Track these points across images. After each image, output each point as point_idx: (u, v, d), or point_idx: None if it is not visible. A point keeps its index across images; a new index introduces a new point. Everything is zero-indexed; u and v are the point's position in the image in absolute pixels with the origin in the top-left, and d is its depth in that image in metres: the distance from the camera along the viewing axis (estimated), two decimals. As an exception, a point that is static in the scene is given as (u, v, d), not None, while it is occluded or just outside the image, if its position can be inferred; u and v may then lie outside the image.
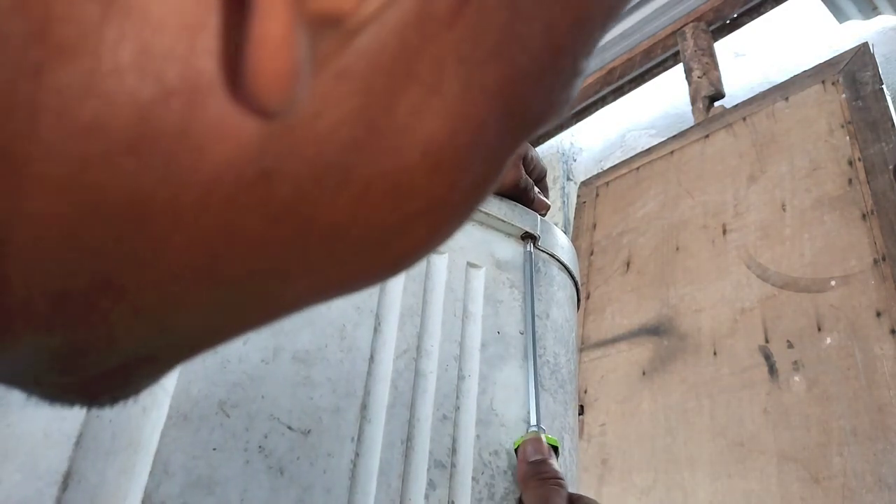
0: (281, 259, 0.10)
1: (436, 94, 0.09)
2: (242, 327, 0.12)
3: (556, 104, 0.12)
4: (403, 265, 0.12)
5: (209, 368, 0.27)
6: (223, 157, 0.08)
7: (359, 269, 0.12)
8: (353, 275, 0.12)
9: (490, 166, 0.11)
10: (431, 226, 0.11)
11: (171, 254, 0.09)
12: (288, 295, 0.11)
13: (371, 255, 0.11)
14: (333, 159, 0.09)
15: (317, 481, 0.28)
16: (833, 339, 0.90)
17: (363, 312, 0.33)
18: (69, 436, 0.23)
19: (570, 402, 0.39)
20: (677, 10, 1.67)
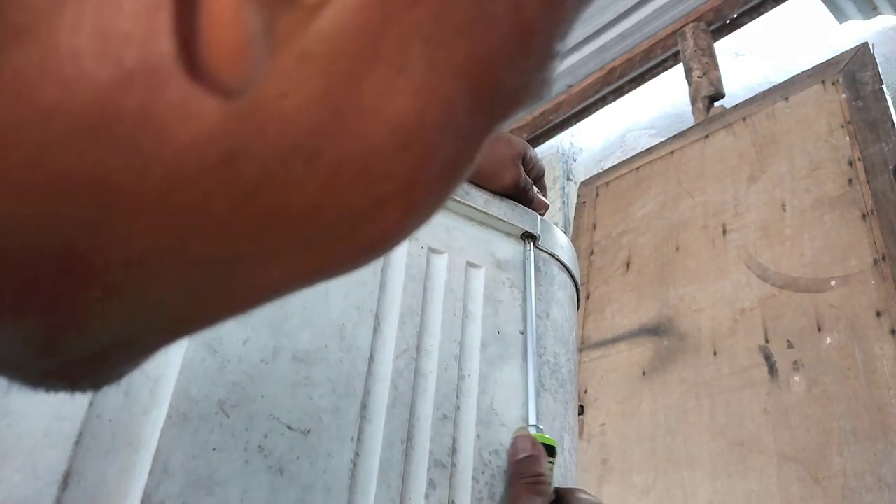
0: (252, 242, 0.10)
1: (402, 73, 0.09)
2: (221, 312, 0.12)
3: (530, 85, 0.11)
4: (380, 249, 0.12)
5: (209, 368, 0.27)
6: (186, 138, 0.08)
7: (334, 253, 0.11)
8: (330, 259, 0.12)
9: (463, 146, 0.11)
10: (405, 208, 0.11)
11: (137, 237, 0.09)
12: (264, 279, 0.11)
13: (346, 239, 0.11)
14: (300, 141, 0.09)
15: (317, 481, 0.28)
16: (833, 339, 0.90)
17: (363, 312, 0.33)
18: (69, 435, 0.23)
19: (570, 402, 0.39)
20: (677, 10, 1.67)
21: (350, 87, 0.09)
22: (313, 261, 0.11)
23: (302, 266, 0.11)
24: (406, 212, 0.11)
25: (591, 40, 1.78)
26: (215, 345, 0.27)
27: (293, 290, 0.12)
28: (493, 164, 0.40)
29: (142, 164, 0.08)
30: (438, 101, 0.10)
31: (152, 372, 0.26)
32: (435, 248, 0.37)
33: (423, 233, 0.37)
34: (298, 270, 0.11)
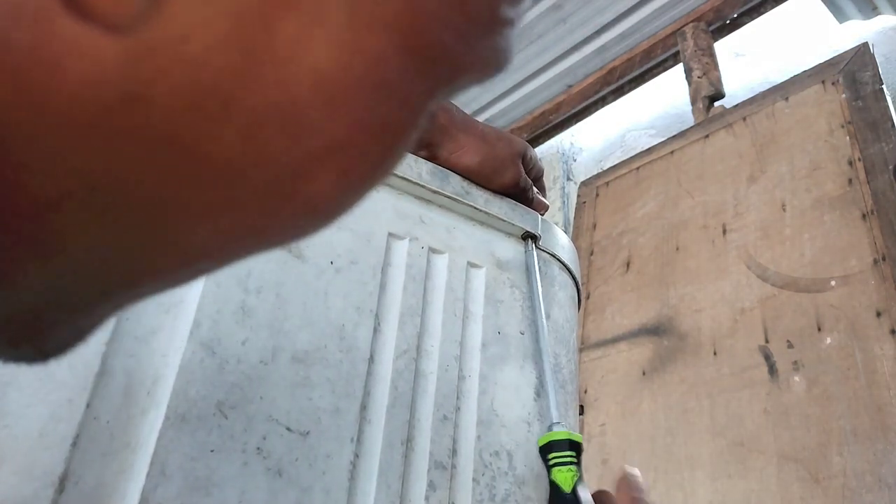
0: (172, 192, 0.10)
1: (319, 23, 0.09)
2: (154, 274, 0.12)
3: (479, 51, 0.11)
4: (320, 214, 0.12)
5: (207, 369, 0.27)
6: (80, 76, 0.08)
7: (268, 213, 0.11)
8: (265, 221, 0.11)
9: (401, 110, 0.11)
10: (340, 170, 0.11)
11: (39, 182, 0.09)
12: (194, 238, 0.11)
13: (279, 199, 0.11)
14: (210, 87, 0.09)
15: (316, 483, 0.27)
16: (833, 339, 0.90)
17: (363, 312, 0.32)
18: (65, 437, 0.23)
19: (570, 403, 0.39)
20: (677, 10, 1.67)
21: (262, 32, 0.09)
22: (246, 220, 0.11)
23: (234, 225, 0.11)
24: (341, 175, 0.11)
25: (591, 40, 1.78)
26: (214, 345, 0.27)
27: (232, 255, 0.12)
28: (494, 163, 0.40)
29: (38, 101, 0.08)
30: (365, 55, 0.10)
31: (150, 373, 0.26)
32: (435, 248, 0.37)
33: (424, 233, 0.37)
34: (231, 230, 0.11)
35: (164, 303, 0.27)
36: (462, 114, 0.40)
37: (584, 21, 1.72)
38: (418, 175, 0.38)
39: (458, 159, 0.39)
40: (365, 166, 0.11)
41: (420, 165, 0.38)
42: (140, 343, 0.26)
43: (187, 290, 0.28)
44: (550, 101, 1.95)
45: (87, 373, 0.24)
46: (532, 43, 1.78)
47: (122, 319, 0.26)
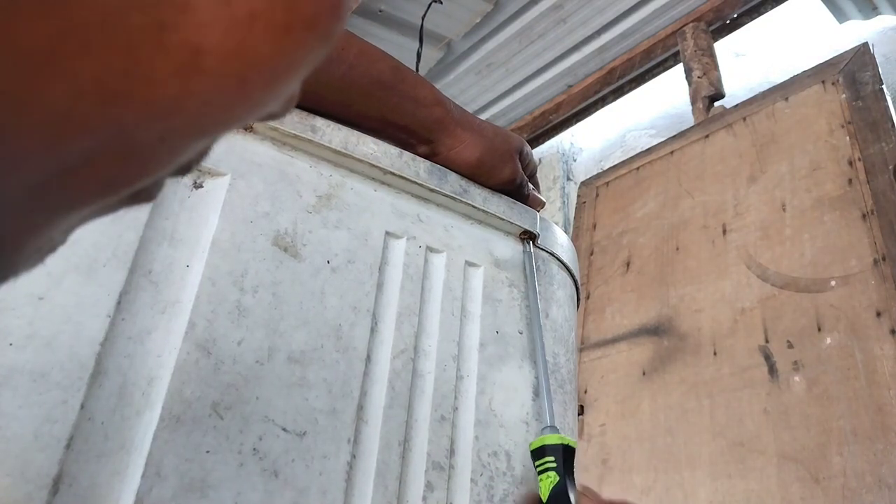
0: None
1: None
2: (26, 132, 0.09)
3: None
4: (204, 77, 0.09)
5: (202, 370, 0.26)
6: None
7: (142, 63, 0.09)
8: (141, 75, 0.09)
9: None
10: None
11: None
12: (62, 89, 0.09)
13: (149, 42, 0.08)
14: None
15: (312, 484, 0.27)
16: (833, 339, 0.90)
17: (360, 312, 0.32)
18: (60, 438, 0.23)
19: (570, 403, 0.39)
20: (677, 10, 1.67)
21: None
22: (112, 70, 0.09)
23: (98, 77, 0.09)
24: (223, 5, 0.09)
25: (591, 40, 1.78)
26: (209, 346, 0.27)
27: (113, 127, 0.09)
28: (492, 159, 0.40)
29: None
30: None
31: (145, 373, 0.26)
32: (433, 247, 0.37)
33: (421, 231, 0.37)
34: (96, 86, 0.09)
35: (159, 302, 0.27)
36: (460, 110, 0.40)
37: (584, 21, 1.72)
38: (416, 173, 0.37)
39: (457, 155, 0.39)
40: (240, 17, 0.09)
41: (418, 164, 0.38)
42: (135, 343, 0.26)
43: (182, 290, 0.28)
44: (550, 101, 1.94)
45: (81, 373, 0.24)
46: (532, 43, 1.78)
47: (117, 320, 0.26)
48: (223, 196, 0.30)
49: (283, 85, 0.10)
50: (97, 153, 0.10)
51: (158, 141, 0.10)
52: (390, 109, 0.37)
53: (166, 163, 0.11)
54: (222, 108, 0.10)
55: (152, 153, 0.10)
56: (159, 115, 0.09)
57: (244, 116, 0.11)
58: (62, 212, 0.11)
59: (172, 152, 0.10)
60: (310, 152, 0.35)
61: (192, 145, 0.11)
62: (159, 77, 0.09)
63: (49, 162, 0.09)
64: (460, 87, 1.92)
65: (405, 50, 1.66)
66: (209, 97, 0.09)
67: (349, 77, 0.35)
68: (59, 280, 0.25)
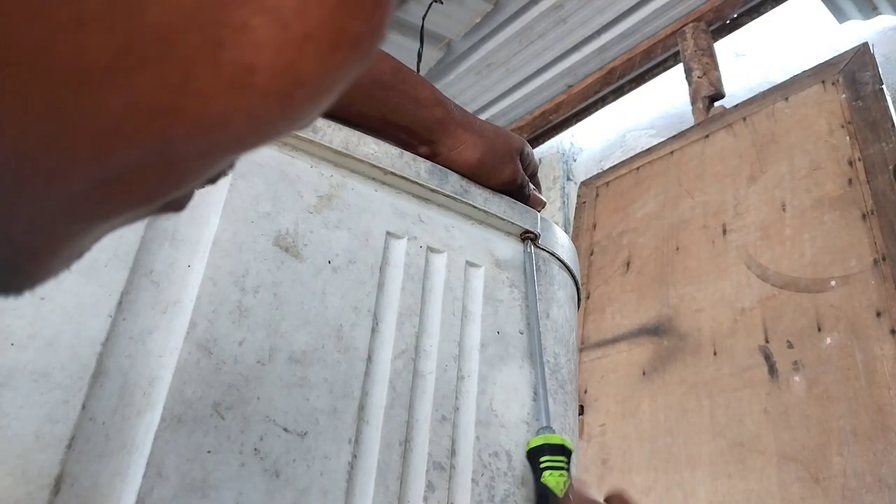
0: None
1: None
2: (55, 148, 0.09)
3: None
4: (260, 89, 0.09)
5: (204, 370, 0.26)
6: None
7: (195, 76, 0.09)
8: (193, 89, 0.09)
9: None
10: (279, 24, 0.09)
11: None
12: (106, 107, 0.09)
13: (205, 58, 0.08)
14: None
15: (313, 484, 0.27)
16: (833, 339, 0.90)
17: (360, 312, 0.32)
18: (61, 438, 0.23)
19: (570, 403, 0.39)
20: (677, 10, 1.67)
21: None
22: (167, 85, 0.09)
23: (152, 92, 0.09)
24: (279, 27, 0.09)
25: (591, 40, 1.78)
26: (210, 346, 0.27)
27: (160, 141, 0.09)
28: (493, 159, 0.40)
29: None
30: None
31: (146, 373, 0.26)
32: (434, 247, 0.37)
33: (422, 231, 0.37)
34: (149, 100, 0.09)
35: (161, 303, 0.27)
36: (460, 110, 0.40)
37: (584, 21, 1.72)
38: (417, 174, 0.37)
39: (458, 155, 0.39)
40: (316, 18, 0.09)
41: (419, 164, 0.38)
42: (136, 343, 0.26)
43: (183, 290, 0.28)
44: (550, 101, 1.94)
45: (82, 374, 0.24)
46: (532, 43, 1.78)
47: (119, 320, 0.26)
48: (224, 196, 0.30)
49: (323, 101, 0.10)
50: (140, 166, 0.10)
51: (200, 155, 0.10)
52: (391, 110, 0.37)
53: (203, 175, 0.11)
54: (265, 123, 0.10)
55: (192, 166, 0.10)
56: (206, 130, 0.10)
57: (283, 131, 0.11)
58: (99, 221, 0.11)
59: (211, 165, 0.11)
60: (311, 152, 0.35)
61: (231, 159, 0.11)
62: (211, 94, 0.09)
63: (94, 173, 0.10)
64: (460, 87, 1.92)
65: (405, 50, 1.66)
66: (255, 113, 0.10)
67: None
68: (61, 280, 0.25)
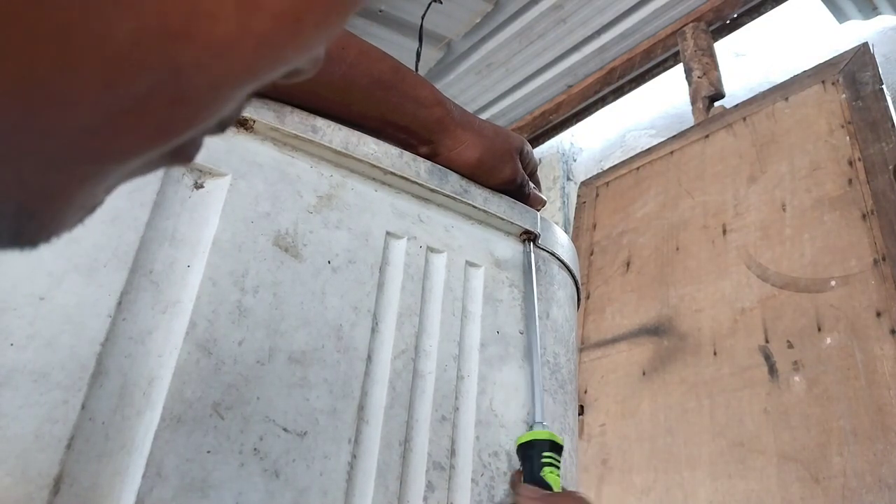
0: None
1: None
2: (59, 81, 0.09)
3: None
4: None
5: (203, 370, 0.26)
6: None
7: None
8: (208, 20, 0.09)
9: None
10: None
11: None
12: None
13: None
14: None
15: (313, 484, 0.27)
16: (833, 339, 0.90)
17: (360, 312, 0.32)
18: (60, 438, 0.23)
19: (570, 403, 0.39)
20: (677, 10, 1.67)
21: None
22: (178, 5, 0.09)
23: (163, 13, 0.09)
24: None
25: (591, 40, 1.78)
26: (210, 346, 0.27)
27: (170, 67, 0.09)
28: (493, 159, 0.40)
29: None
30: None
31: (146, 373, 0.26)
32: (433, 247, 0.37)
33: (422, 231, 0.37)
34: (159, 22, 0.09)
35: (160, 303, 0.27)
36: (460, 110, 0.40)
37: (584, 21, 1.72)
38: (416, 174, 0.37)
39: (458, 155, 0.39)
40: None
41: (418, 164, 0.38)
42: (135, 343, 0.26)
43: (183, 290, 0.28)
44: (550, 101, 1.94)
45: (82, 374, 0.24)
46: (532, 43, 1.78)
47: (118, 320, 0.26)
48: (224, 196, 0.30)
49: (329, 29, 0.10)
50: (150, 96, 0.10)
51: (209, 86, 0.10)
52: (390, 110, 0.37)
53: (213, 111, 0.11)
54: (274, 49, 0.10)
55: (202, 98, 0.10)
56: (215, 55, 0.09)
57: (290, 60, 0.11)
58: (111, 161, 0.11)
59: (220, 98, 0.11)
60: (310, 152, 0.35)
61: (239, 92, 0.11)
62: (221, 15, 0.09)
63: (104, 101, 0.09)
64: (460, 87, 1.92)
65: (405, 50, 1.66)
66: (264, 37, 0.10)
67: (349, 77, 0.35)
68: (60, 280, 0.25)
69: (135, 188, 0.28)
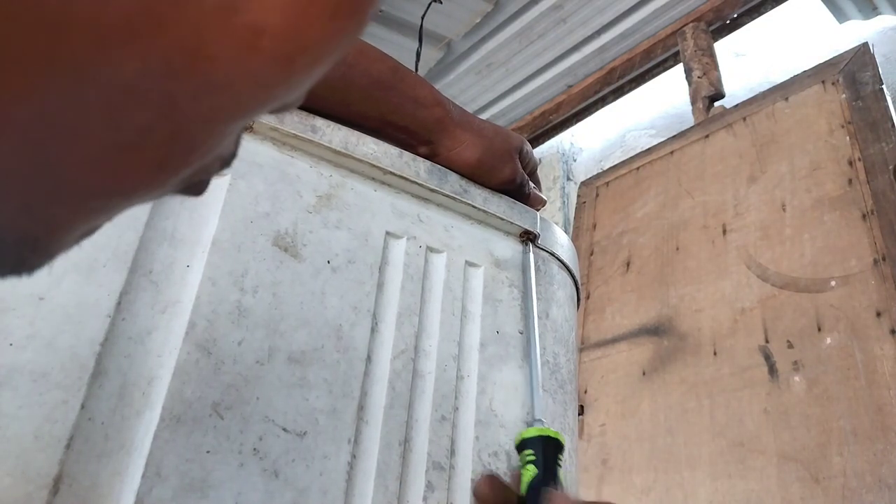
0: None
1: None
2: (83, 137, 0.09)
3: None
4: (272, 52, 0.09)
5: (203, 370, 0.26)
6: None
7: (205, 40, 0.09)
8: (205, 54, 0.09)
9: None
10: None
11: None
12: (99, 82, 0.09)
13: (216, 18, 0.09)
14: None
15: (313, 484, 0.27)
16: (833, 339, 0.90)
17: (360, 312, 0.32)
18: (60, 438, 0.23)
19: (570, 403, 0.39)
20: (677, 10, 1.67)
21: None
22: (182, 48, 0.09)
23: (167, 55, 0.09)
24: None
25: (591, 40, 1.78)
26: (209, 346, 0.27)
27: (168, 103, 0.09)
28: (493, 159, 0.40)
29: None
30: None
31: (145, 373, 0.26)
32: (433, 247, 0.37)
33: (422, 231, 0.37)
34: (163, 62, 0.09)
35: (160, 303, 0.27)
36: (459, 110, 0.40)
37: (584, 21, 1.72)
38: (416, 173, 0.37)
39: (457, 155, 0.39)
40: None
41: (418, 164, 0.38)
42: (135, 343, 0.26)
43: (183, 290, 0.28)
44: (550, 101, 1.94)
45: (81, 374, 0.24)
46: (532, 43, 1.78)
47: (118, 320, 0.26)
48: (223, 196, 0.30)
49: (319, 67, 0.11)
50: (150, 130, 0.10)
51: (203, 119, 0.10)
52: (390, 110, 0.37)
53: (208, 146, 0.11)
54: (265, 87, 0.10)
55: (198, 133, 0.11)
56: (210, 91, 0.10)
57: (280, 97, 0.11)
58: (116, 197, 0.11)
59: (214, 133, 0.11)
60: (310, 152, 0.35)
61: (232, 126, 0.11)
62: (221, 56, 0.09)
63: (107, 134, 0.10)
64: (460, 87, 1.92)
65: (405, 50, 1.66)
66: (258, 77, 0.10)
67: (349, 77, 0.35)
68: (60, 280, 0.25)
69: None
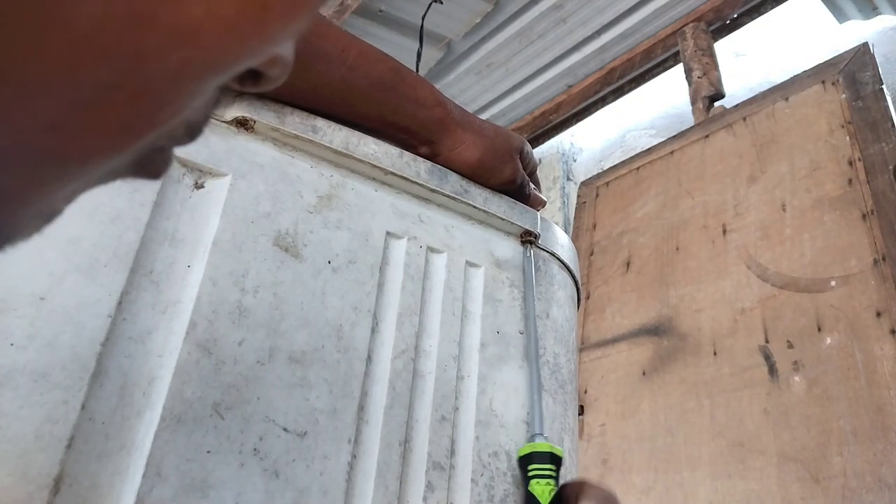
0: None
1: None
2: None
3: None
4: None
5: (203, 370, 0.26)
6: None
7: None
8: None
9: None
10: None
11: None
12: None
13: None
14: None
15: (313, 484, 0.27)
16: (833, 339, 0.90)
17: (360, 312, 0.32)
18: (60, 438, 0.23)
19: (570, 403, 0.39)
20: (677, 10, 1.67)
21: None
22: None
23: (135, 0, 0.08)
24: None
25: (591, 40, 1.78)
26: (210, 346, 0.27)
27: (133, 54, 0.09)
28: (493, 159, 0.40)
29: None
30: None
31: (145, 373, 0.26)
32: (433, 247, 0.37)
33: (422, 232, 0.37)
34: (131, 6, 0.08)
35: (160, 303, 0.27)
36: (460, 110, 0.40)
37: (584, 21, 1.72)
38: (417, 174, 0.37)
39: (458, 155, 0.39)
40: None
41: (419, 164, 0.38)
42: (135, 343, 0.26)
43: (183, 290, 0.28)
44: (550, 101, 1.95)
45: (82, 374, 0.24)
46: (532, 43, 1.78)
47: (118, 320, 0.26)
48: (224, 196, 0.30)
49: (295, 21, 0.10)
50: (113, 87, 0.09)
51: (173, 76, 0.10)
52: (391, 110, 0.37)
53: (176, 105, 0.10)
54: (239, 37, 0.10)
55: (165, 90, 0.10)
56: (179, 41, 0.09)
57: (255, 52, 0.10)
58: (73, 162, 0.10)
59: (183, 91, 0.10)
60: (311, 152, 0.35)
61: (202, 84, 0.10)
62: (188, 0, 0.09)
63: (65, 92, 0.09)
64: (460, 87, 1.92)
65: (405, 50, 1.66)
66: (230, 23, 0.09)
67: (349, 78, 0.35)
68: (60, 280, 0.25)
69: (135, 188, 0.28)
